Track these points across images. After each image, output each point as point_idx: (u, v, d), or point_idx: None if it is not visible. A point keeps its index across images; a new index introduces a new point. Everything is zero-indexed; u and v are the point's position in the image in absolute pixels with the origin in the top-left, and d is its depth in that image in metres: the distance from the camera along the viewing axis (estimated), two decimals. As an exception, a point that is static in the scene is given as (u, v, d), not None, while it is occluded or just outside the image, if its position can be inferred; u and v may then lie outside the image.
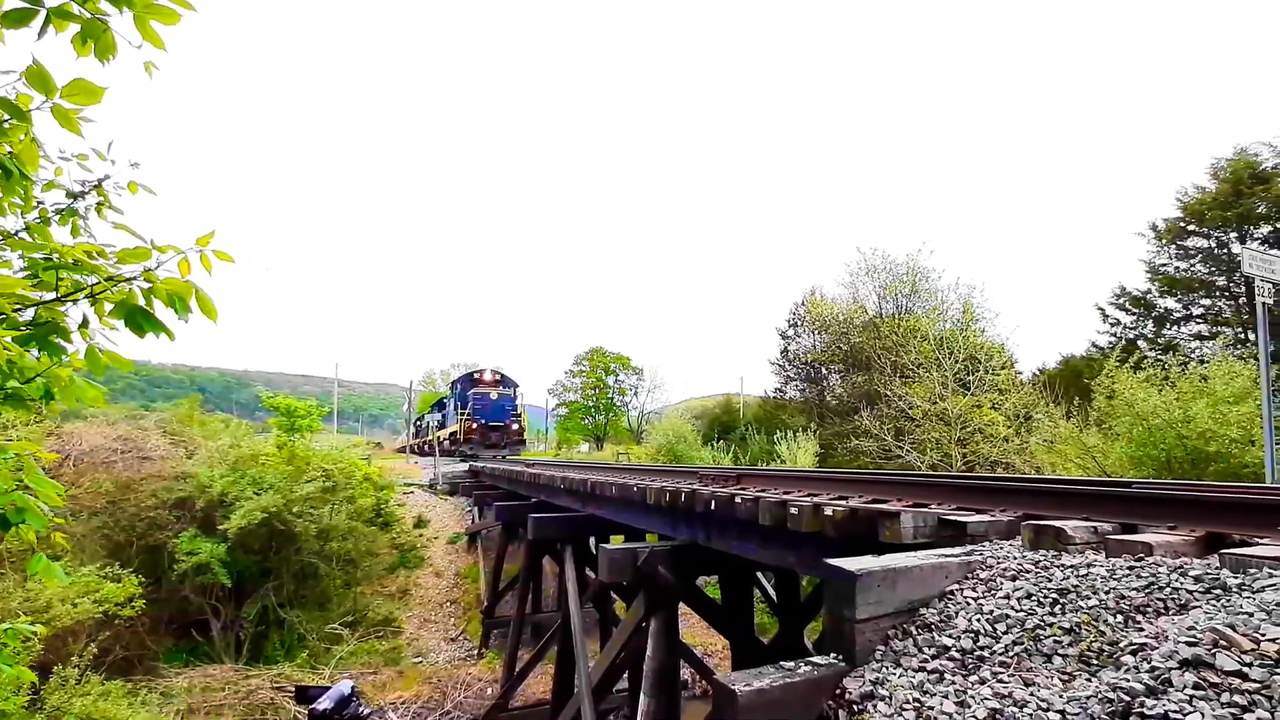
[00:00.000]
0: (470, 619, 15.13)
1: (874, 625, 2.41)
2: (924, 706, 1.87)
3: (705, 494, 5.06)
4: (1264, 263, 7.64)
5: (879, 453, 19.33)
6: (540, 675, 12.14)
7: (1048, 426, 14.41)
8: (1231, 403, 9.88)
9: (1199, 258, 21.61)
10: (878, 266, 25.65)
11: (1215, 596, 1.94)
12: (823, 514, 3.72)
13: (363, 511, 16.38)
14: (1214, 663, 1.50)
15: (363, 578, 15.60)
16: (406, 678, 12.74)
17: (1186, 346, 19.95)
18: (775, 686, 2.12)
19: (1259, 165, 19.73)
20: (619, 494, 6.92)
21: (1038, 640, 2.04)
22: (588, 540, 10.17)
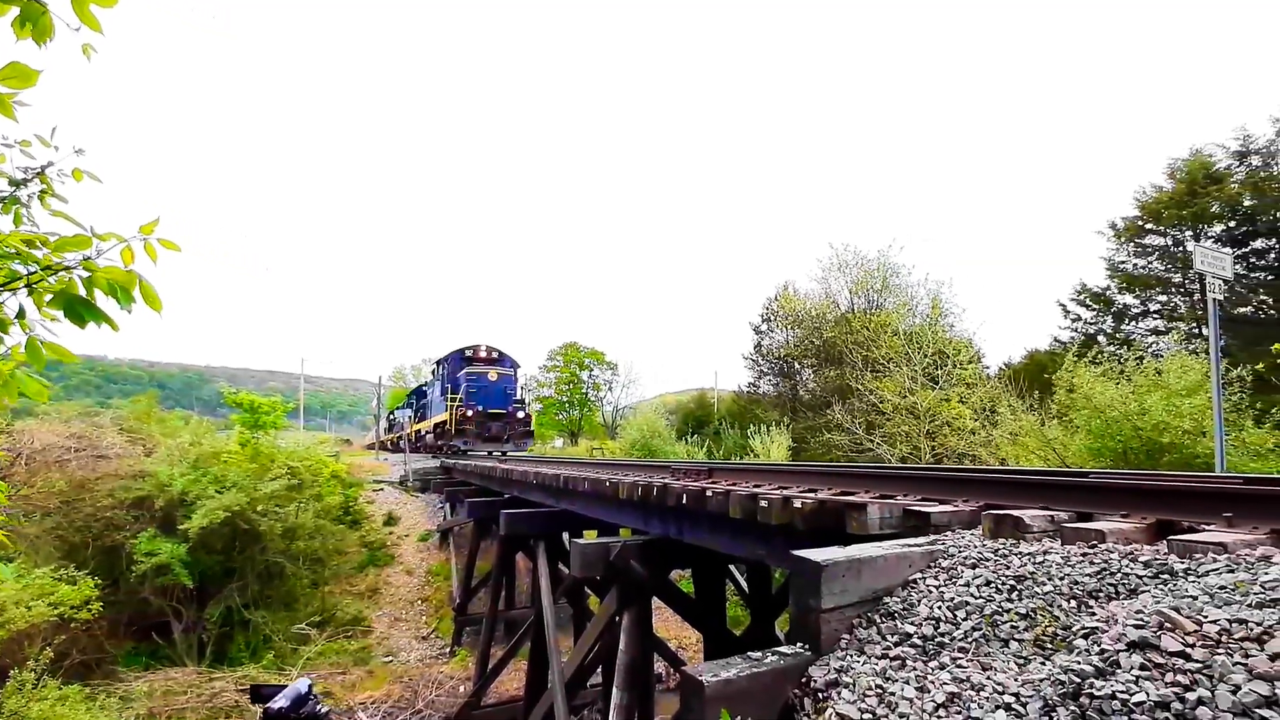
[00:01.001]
0: (442, 617, 14.98)
1: (839, 615, 2.44)
2: (885, 693, 1.91)
3: (677, 488, 5.08)
4: (1215, 260, 7.93)
5: (851, 446, 19.64)
6: (513, 672, 12.08)
7: (1012, 420, 14.79)
8: (1184, 395, 10.26)
9: (1156, 255, 22.37)
10: (849, 262, 26.02)
11: (1163, 581, 2.00)
12: (792, 506, 3.77)
13: (330, 509, 16.10)
14: (1159, 644, 1.56)
15: (331, 576, 15.33)
16: (376, 677, 12.57)
17: (1143, 341, 20.63)
18: (742, 676, 2.14)
19: (1213, 166, 20.47)
20: (592, 489, 6.91)
21: (996, 626, 2.09)
22: (561, 536, 10.15)
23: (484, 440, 20.85)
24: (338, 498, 16.84)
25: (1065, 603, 2.05)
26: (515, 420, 21.71)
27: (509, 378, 22.75)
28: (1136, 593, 1.98)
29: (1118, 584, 2.06)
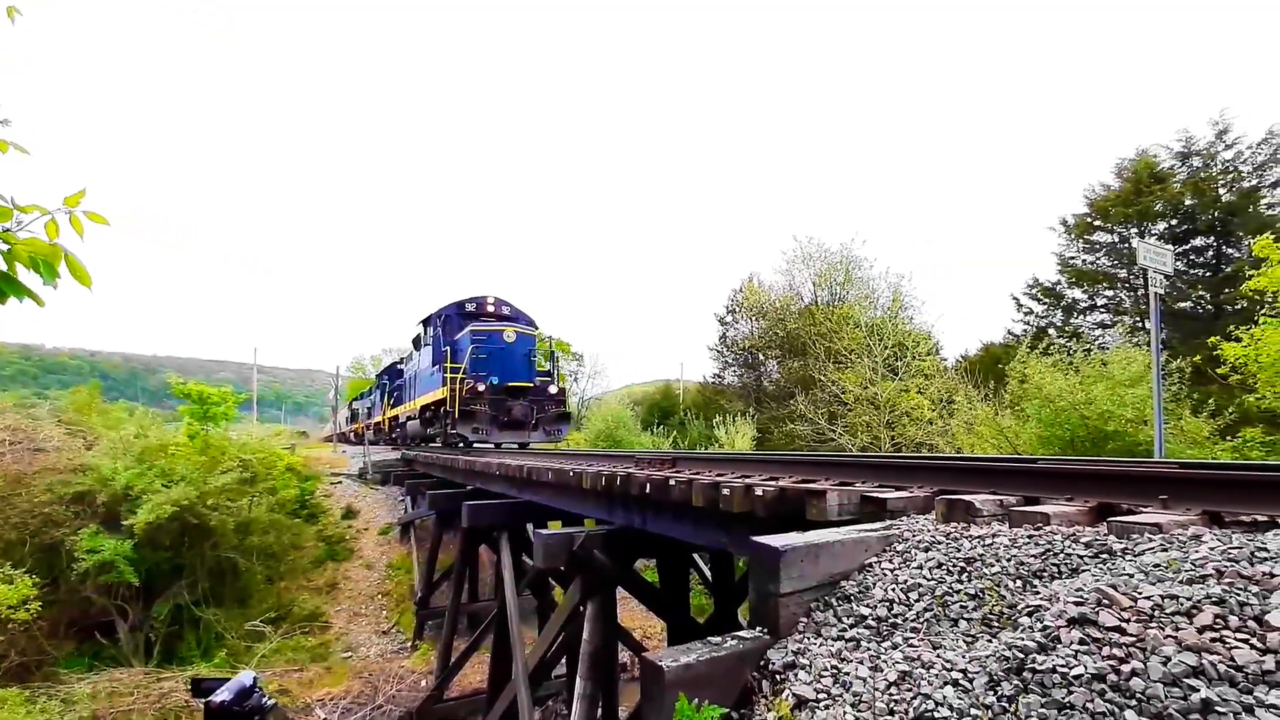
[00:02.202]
0: (403, 611, 14.75)
1: (797, 599, 2.48)
2: (840, 673, 1.94)
3: (640, 477, 5.08)
4: (1157, 255, 8.28)
5: (813, 436, 20.00)
6: (476, 665, 11.99)
7: (967, 410, 15.27)
8: (1128, 386, 10.75)
9: (1103, 251, 23.30)
10: (813, 255, 26.39)
11: (1102, 560, 2.09)
12: (753, 494, 3.80)
13: (286, 503, 15.67)
14: (1097, 620, 1.62)
15: (286, 572, 14.94)
16: (335, 673, 12.32)
17: (1090, 334, 21.53)
18: (701, 661, 2.16)
19: (1157, 166, 21.39)
20: (555, 479, 6.86)
21: (946, 606, 2.15)
22: (525, 527, 10.07)
23: (503, 427, 14.14)
24: (293, 491, 16.40)
25: (1012, 582, 2.12)
26: (546, 398, 14.85)
27: (530, 339, 15.66)
28: (1078, 572, 2.05)
29: (1061, 564, 2.14)
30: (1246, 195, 19.48)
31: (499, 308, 16.89)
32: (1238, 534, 2.08)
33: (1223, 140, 20.14)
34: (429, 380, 16.98)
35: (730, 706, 2.08)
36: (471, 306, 16.79)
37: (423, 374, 18.15)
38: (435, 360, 16.31)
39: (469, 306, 16.79)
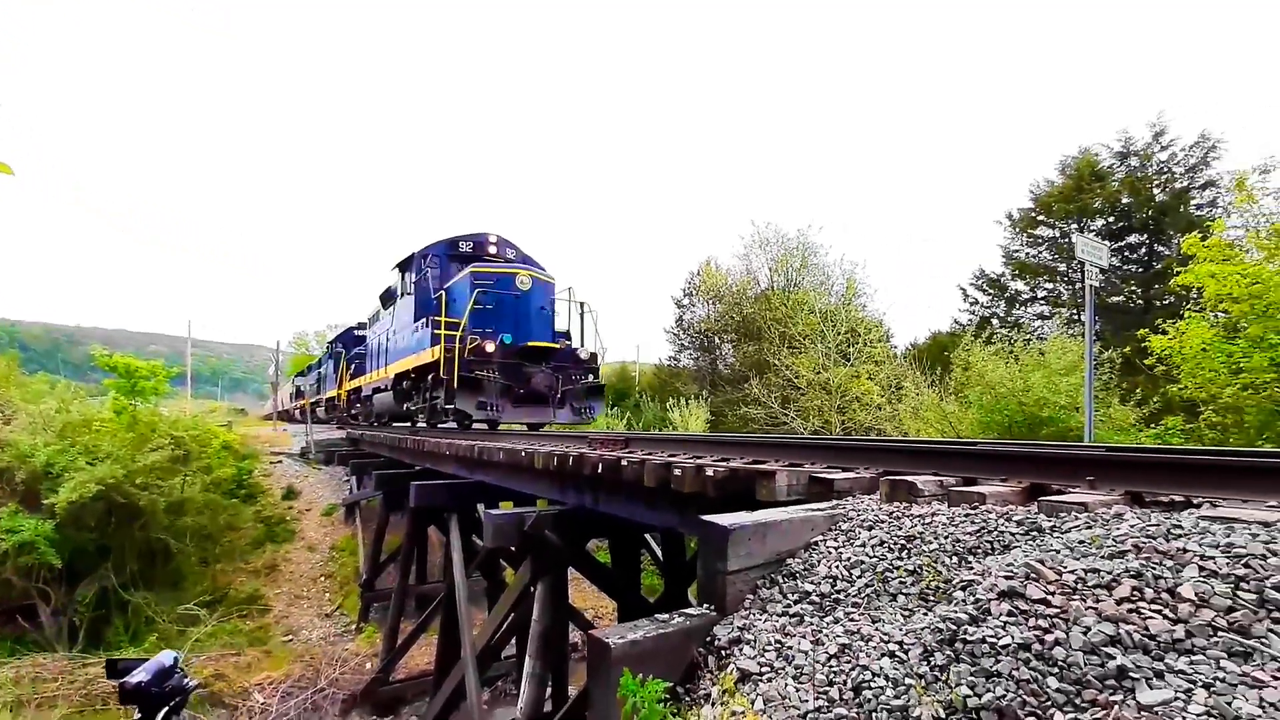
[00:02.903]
0: (348, 594, 14.43)
1: (744, 576, 2.51)
2: (784, 647, 1.98)
3: (593, 457, 5.06)
4: (1094, 250, 8.70)
5: (766, 419, 20.37)
6: (424, 647, 11.86)
7: (915, 395, 15.80)
8: (1062, 374, 11.33)
9: (1045, 246, 24.31)
10: (770, 240, 26.68)
11: (1032, 537, 2.18)
12: (705, 475, 3.83)
13: (222, 483, 15.05)
14: (1025, 592, 1.69)
15: (223, 554, 14.38)
16: (275, 658, 11.99)
17: (1030, 325, 22.51)
18: (648, 638, 2.17)
19: (1098, 164, 22.36)
20: (507, 459, 6.78)
21: (886, 582, 2.21)
22: (475, 508, 9.96)
23: (519, 402, 10.70)
24: (230, 470, 15.75)
25: (948, 559, 2.20)
26: (575, 365, 11.53)
27: (548, 288, 12.24)
28: (1009, 548, 2.14)
29: (994, 541, 2.22)
30: (1178, 195, 20.58)
31: (502, 250, 13.16)
32: (1156, 513, 2.20)
33: (1159, 141, 21.19)
34: (410, 341, 12.92)
35: (676, 681, 2.10)
36: (467, 246, 13.09)
37: (400, 333, 13.95)
38: (421, 313, 12.40)
39: (464, 246, 13.11)
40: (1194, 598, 1.58)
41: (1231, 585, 1.60)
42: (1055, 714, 1.37)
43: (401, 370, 13.49)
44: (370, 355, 17.72)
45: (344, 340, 22.95)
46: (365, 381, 17.91)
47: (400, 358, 13.75)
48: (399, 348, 14.08)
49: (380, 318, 17.00)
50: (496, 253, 13.17)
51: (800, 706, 1.68)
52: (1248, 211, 10.23)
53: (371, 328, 18.31)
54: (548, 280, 12.38)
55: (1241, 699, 1.30)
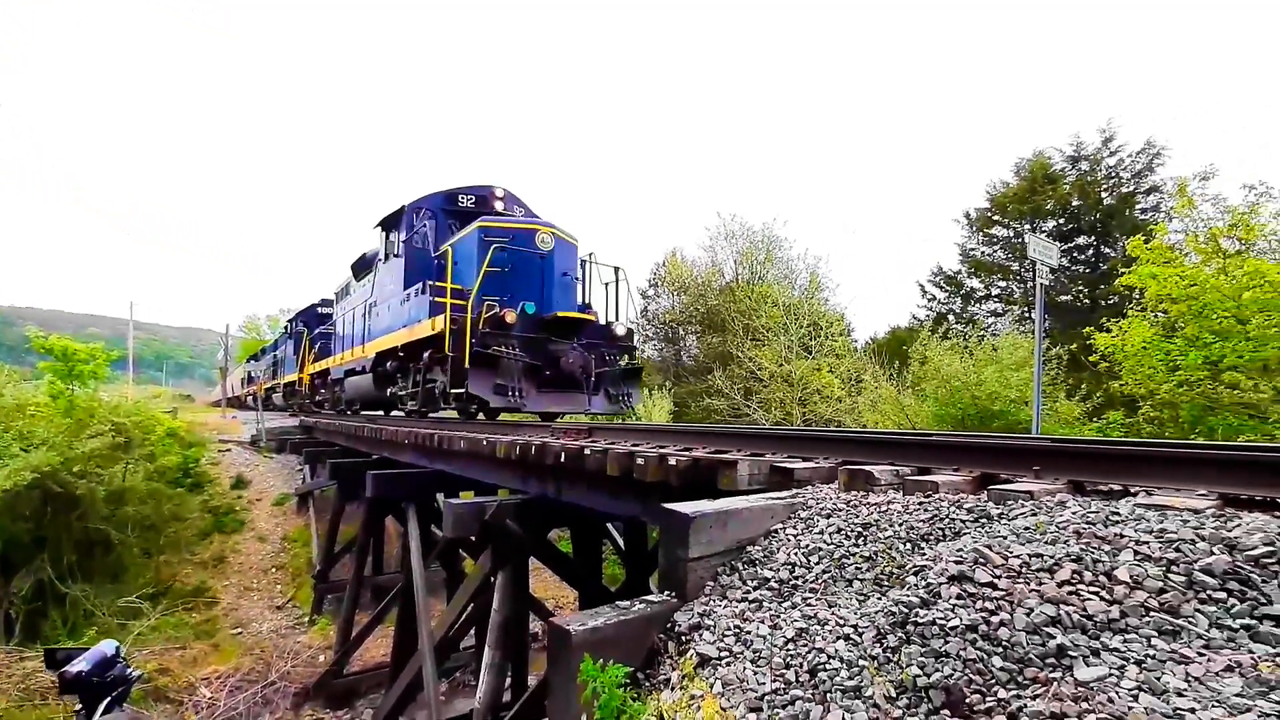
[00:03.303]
0: (300, 585, 14.08)
1: (705, 563, 2.54)
2: (743, 631, 2.01)
3: (555, 446, 5.03)
4: (1045, 250, 9.04)
5: (729, 411, 20.59)
6: (379, 639, 11.66)
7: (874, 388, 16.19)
8: (1013, 369, 11.78)
9: (1000, 245, 25.13)
10: (736, 232, 26.88)
11: (981, 524, 2.26)
12: (668, 464, 3.85)
13: (166, 471, 14.46)
14: (974, 576, 1.75)
15: (167, 545, 13.83)
16: (223, 651, 11.63)
17: (984, 321, 23.27)
18: (609, 625, 2.17)
19: (1051, 167, 23.18)
20: (468, 448, 6.69)
21: (843, 568, 2.26)
22: (434, 498, 9.82)
23: (545, 386, 8.93)
24: (175, 458, 15.14)
25: (902, 545, 2.26)
26: (609, 342, 9.76)
27: (572, 250, 10.37)
28: (960, 534, 2.21)
29: (946, 528, 2.30)
30: (1124, 199, 21.51)
31: (510, 207, 11.17)
32: (1096, 501, 2.31)
33: (1108, 147, 22.08)
34: (398, 312, 10.72)
35: (637, 667, 2.11)
36: (468, 201, 11.05)
37: (383, 304, 11.70)
38: (414, 279, 10.35)
39: (464, 201, 11.07)
40: (1129, 580, 1.66)
41: (1163, 568, 1.69)
42: (999, 691, 1.42)
43: (385, 348, 11.12)
44: (340, 333, 15.49)
45: (306, 319, 20.72)
46: (334, 363, 15.62)
47: (383, 334, 11.47)
48: (381, 322, 11.90)
49: (352, 291, 14.71)
50: (504, 209, 11.00)
51: (758, 689, 1.71)
52: (1188, 216, 10.76)
53: (341, 303, 16.00)
54: (571, 241, 10.26)
55: (1169, 674, 1.38)
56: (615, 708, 1.75)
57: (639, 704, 1.80)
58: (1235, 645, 1.46)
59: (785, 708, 1.61)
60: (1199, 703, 1.29)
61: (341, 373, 14.66)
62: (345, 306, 15.34)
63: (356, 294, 14.34)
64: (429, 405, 10.10)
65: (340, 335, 15.51)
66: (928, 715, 1.42)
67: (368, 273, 13.46)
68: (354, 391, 13.80)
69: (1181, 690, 1.33)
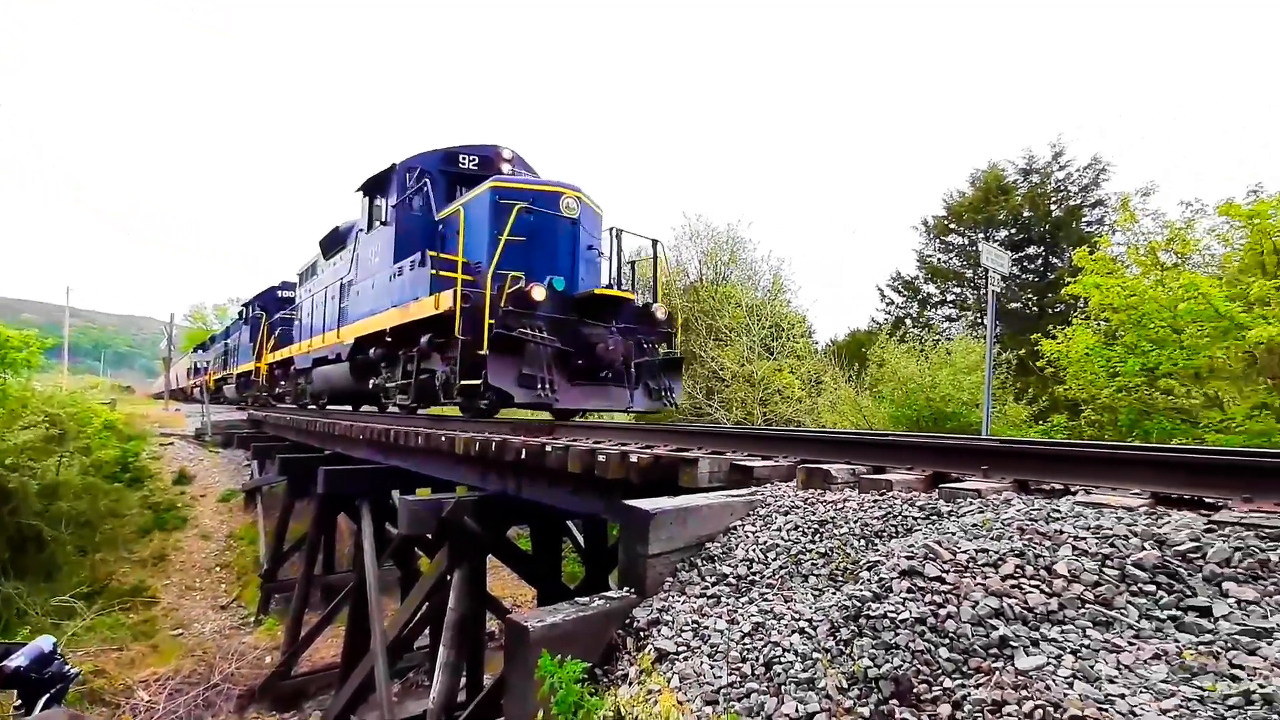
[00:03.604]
0: (246, 584, 13.60)
1: (664, 560, 2.56)
2: (701, 626, 2.03)
3: (516, 443, 4.99)
4: (997, 258, 9.40)
5: (691, 410, 20.72)
6: (329, 639, 11.35)
7: (833, 390, 16.52)
8: (966, 373, 12.18)
9: (955, 252, 25.93)
10: (700, 233, 27.00)
11: (932, 521, 2.33)
12: (629, 461, 3.86)
13: (104, 465, 13.80)
14: (923, 571, 1.81)
15: (104, 542, 13.19)
16: (163, 652, 11.15)
17: (939, 326, 23.97)
18: (568, 620, 2.17)
19: (1005, 179, 24.03)
20: (425, 444, 6.57)
21: (799, 564, 2.31)
22: (389, 494, 9.62)
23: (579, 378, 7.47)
24: (113, 452, 14.46)
25: (857, 541, 2.32)
26: (648, 327, 8.46)
27: (597, 221, 9.10)
28: (912, 531, 2.28)
29: (899, 525, 2.37)
30: (1072, 212, 22.47)
31: (518, 169, 9.51)
32: (1039, 499, 2.40)
33: (1058, 161, 23.03)
34: (387, 289, 9.16)
35: (595, 663, 2.11)
36: (470, 163, 9.41)
37: (366, 281, 10.07)
38: (407, 249, 8.80)
39: (465, 162, 9.41)
40: (1067, 574, 1.74)
41: (1099, 563, 1.77)
42: (945, 680, 1.47)
43: (369, 333, 9.52)
44: (306, 319, 13.85)
45: (264, 303, 18.87)
46: (299, 351, 13.82)
47: (365, 316, 9.82)
48: (362, 303, 10.17)
49: (321, 270, 13.22)
50: (511, 173, 9.17)
51: (715, 682, 1.73)
52: (1130, 230, 11.31)
53: (307, 285, 14.42)
54: (596, 209, 8.81)
55: (1102, 663, 1.45)
56: (572, 703, 1.74)
57: (596, 699, 1.80)
58: (1162, 635, 1.54)
59: (741, 700, 1.63)
60: (1128, 689, 1.36)
61: (309, 362, 13.09)
62: (313, 288, 13.77)
63: (327, 273, 12.79)
64: (423, 399, 8.74)
65: (306, 320, 13.93)
66: (877, 705, 1.46)
67: (341, 248, 12.04)
68: (324, 383, 12.30)
69: (1113, 678, 1.40)
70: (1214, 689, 1.31)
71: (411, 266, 8.47)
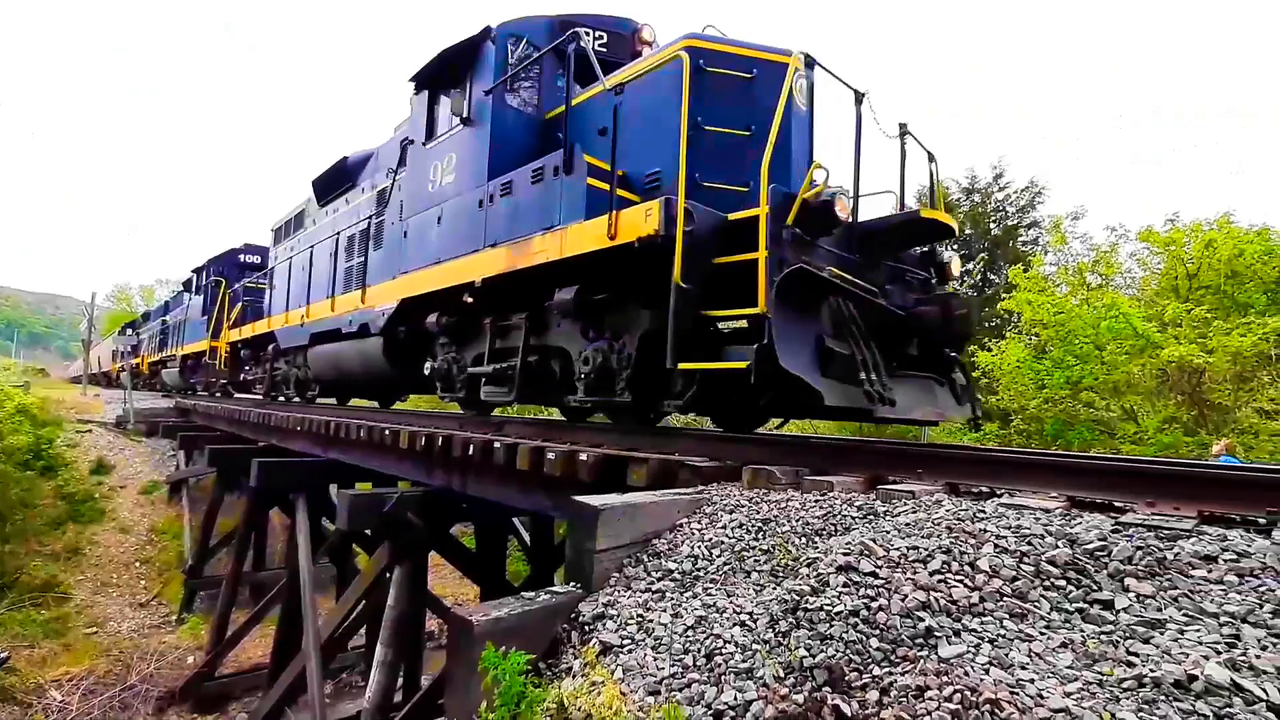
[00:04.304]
0: (168, 581, 12.91)
1: (611, 555, 2.59)
2: (645, 620, 2.07)
3: (462, 438, 4.93)
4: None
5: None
6: (258, 638, 10.90)
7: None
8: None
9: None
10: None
11: (869, 520, 2.44)
12: (578, 459, 3.87)
13: (14, 452, 12.87)
14: (859, 567, 1.90)
15: (13, 534, 12.28)
16: (75, 651, 10.47)
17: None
18: (512, 615, 2.17)
19: (949, 196, 25.08)
20: (367, 437, 6.41)
21: (742, 560, 2.37)
22: (326, 489, 9.31)
23: (897, 365, 4.13)
24: (25, 438, 13.50)
25: (798, 539, 2.40)
26: (944, 276, 5.02)
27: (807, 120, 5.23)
28: (850, 529, 2.38)
29: (838, 523, 2.47)
30: (1009, 231, 23.67)
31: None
32: (967, 500, 2.55)
33: (998, 183, 24.22)
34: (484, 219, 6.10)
35: (539, 656, 2.12)
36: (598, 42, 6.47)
37: (431, 210, 6.98)
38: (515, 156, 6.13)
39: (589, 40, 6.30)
40: (988, 570, 1.85)
41: (1017, 559, 1.90)
42: (874, 669, 1.55)
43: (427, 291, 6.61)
44: (290, 285, 11.08)
45: (222, 269, 15.88)
46: (285, 323, 10.78)
47: (425, 265, 6.76)
48: (417, 248, 7.07)
49: (315, 221, 10.68)
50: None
51: (657, 674, 1.77)
52: (1060, 251, 12.02)
53: (288, 240, 11.88)
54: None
55: (1016, 651, 1.56)
56: (516, 694, 1.75)
57: (540, 691, 1.81)
58: (1070, 626, 1.67)
59: (682, 690, 1.68)
60: (1037, 674, 1.47)
61: (302, 337, 9.92)
62: (300, 243, 11.05)
63: (327, 222, 10.02)
64: (538, 393, 5.97)
65: (290, 287, 11.07)
66: (811, 692, 1.53)
67: (349, 187, 9.36)
68: (330, 367, 9.26)
69: (1024, 664, 1.51)
70: (1111, 673, 1.43)
71: (537, 179, 5.46)
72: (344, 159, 9.59)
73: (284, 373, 11.34)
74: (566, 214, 5.03)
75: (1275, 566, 1.74)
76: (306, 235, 10.93)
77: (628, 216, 4.25)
